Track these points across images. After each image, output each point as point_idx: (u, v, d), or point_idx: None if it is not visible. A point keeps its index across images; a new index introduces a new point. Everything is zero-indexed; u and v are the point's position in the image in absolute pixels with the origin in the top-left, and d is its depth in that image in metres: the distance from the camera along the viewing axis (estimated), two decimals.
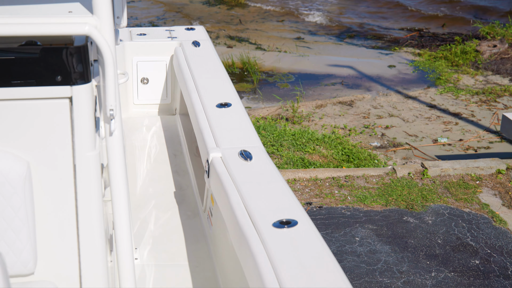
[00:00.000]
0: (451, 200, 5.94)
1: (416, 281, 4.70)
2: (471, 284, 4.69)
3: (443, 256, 5.04)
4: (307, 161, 6.71)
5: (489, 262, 4.98)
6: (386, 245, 5.15)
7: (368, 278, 4.72)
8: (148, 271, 2.94)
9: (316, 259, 2.05)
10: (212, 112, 3.24)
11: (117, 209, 2.15)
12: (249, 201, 2.42)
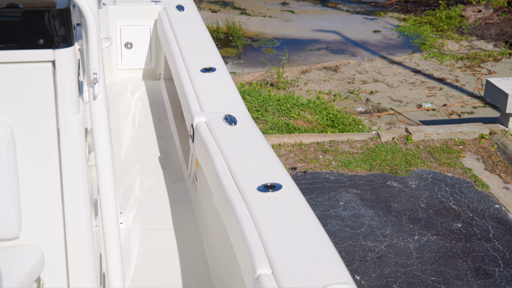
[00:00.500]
0: (435, 164, 5.99)
1: (399, 245, 4.75)
2: (453, 247, 4.75)
3: (426, 220, 5.09)
4: (292, 126, 6.72)
5: (471, 226, 5.04)
6: (370, 209, 5.20)
7: (352, 241, 4.77)
8: (133, 235, 2.96)
9: (300, 223, 2.07)
10: (196, 77, 3.23)
11: (101, 174, 2.15)
12: (233, 165, 2.43)
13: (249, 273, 1.89)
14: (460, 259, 4.61)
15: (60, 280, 2.16)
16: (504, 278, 4.41)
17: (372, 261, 4.55)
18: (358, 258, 4.59)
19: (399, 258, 4.60)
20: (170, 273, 2.73)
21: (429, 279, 4.37)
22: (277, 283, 1.76)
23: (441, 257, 4.63)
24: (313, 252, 1.91)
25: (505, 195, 5.56)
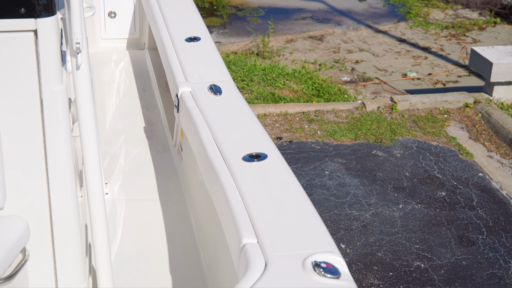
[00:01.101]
0: (419, 133, 6.01)
1: (384, 213, 4.79)
2: (438, 215, 4.80)
3: (410, 189, 5.13)
4: (277, 96, 6.71)
5: (455, 194, 5.08)
6: (355, 179, 5.22)
7: (337, 210, 4.80)
8: (119, 205, 2.96)
9: (285, 192, 2.07)
10: (181, 46, 3.21)
11: (86, 144, 2.14)
12: (219, 135, 2.42)
13: (235, 243, 1.90)
14: (444, 227, 4.66)
15: (46, 251, 2.16)
16: (487, 246, 4.47)
17: (357, 230, 4.59)
18: (343, 227, 4.62)
19: (384, 226, 4.63)
20: (156, 243, 2.74)
21: (413, 247, 4.42)
22: (263, 252, 1.76)
23: (425, 225, 4.68)
24: (298, 221, 1.92)
25: (489, 163, 5.60)
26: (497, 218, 4.79)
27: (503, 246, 4.46)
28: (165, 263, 2.60)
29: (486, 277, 4.15)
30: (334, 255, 1.76)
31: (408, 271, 4.18)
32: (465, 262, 4.30)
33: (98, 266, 2.21)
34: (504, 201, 5.02)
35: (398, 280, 4.10)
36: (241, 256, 1.82)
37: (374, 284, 4.06)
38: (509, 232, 4.63)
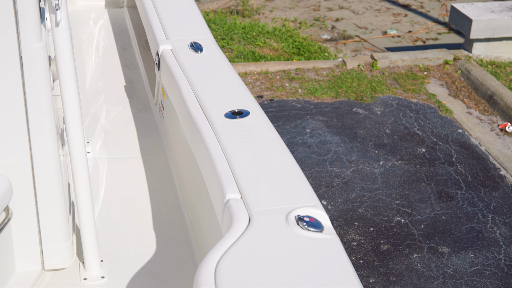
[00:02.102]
0: (400, 91, 6.04)
1: (365, 170, 4.83)
2: (418, 171, 4.85)
3: (391, 145, 5.17)
4: (257, 54, 6.68)
5: (435, 150, 5.13)
6: (336, 136, 5.25)
7: (319, 168, 4.83)
8: (101, 164, 2.95)
9: (268, 148, 2.08)
10: (160, 3, 3.17)
11: (67, 102, 2.13)
12: (200, 93, 2.42)
13: (218, 199, 1.91)
14: (424, 183, 4.71)
15: (29, 209, 2.16)
16: (466, 200, 4.53)
17: (339, 187, 4.63)
18: (325, 183, 4.66)
19: (365, 183, 4.68)
20: (139, 201, 2.74)
21: (393, 203, 4.47)
22: (246, 207, 1.78)
23: (406, 181, 4.73)
24: (281, 177, 1.93)
25: (468, 119, 5.65)
26: (476, 174, 4.86)
27: (481, 201, 4.53)
28: (149, 221, 2.61)
29: (465, 231, 4.22)
30: (317, 209, 1.78)
31: (388, 226, 4.24)
32: (444, 217, 4.36)
33: (81, 224, 2.21)
34: (482, 157, 5.08)
35: (379, 235, 4.15)
36: (225, 212, 1.83)
37: (355, 239, 4.11)
38: (488, 187, 4.70)
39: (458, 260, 3.96)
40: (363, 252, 4.00)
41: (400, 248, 4.04)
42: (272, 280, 1.49)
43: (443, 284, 3.75)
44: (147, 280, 2.27)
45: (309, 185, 1.91)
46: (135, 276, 2.29)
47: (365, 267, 3.87)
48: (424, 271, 3.85)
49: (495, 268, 3.90)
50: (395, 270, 3.85)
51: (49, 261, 2.20)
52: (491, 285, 3.76)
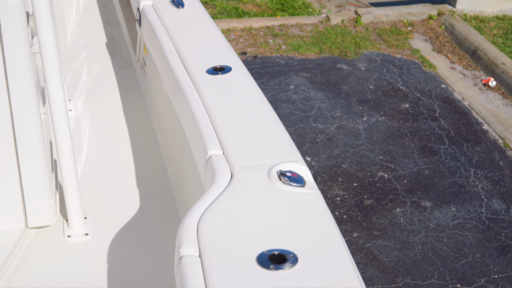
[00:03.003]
0: (384, 46, 6.02)
1: (348, 126, 4.84)
2: (401, 127, 4.87)
3: (374, 101, 5.17)
4: (241, 10, 6.62)
5: (418, 106, 5.14)
6: (320, 92, 5.25)
7: (303, 124, 4.84)
8: (83, 122, 2.94)
9: (250, 104, 2.08)
10: None
11: (46, 60, 2.10)
12: (182, 49, 2.40)
13: (201, 155, 1.91)
14: (407, 138, 4.74)
15: (11, 168, 2.15)
16: (448, 155, 4.57)
17: (322, 143, 4.64)
18: (309, 140, 4.67)
19: (349, 139, 4.69)
20: (123, 159, 2.74)
21: (377, 158, 4.50)
22: (228, 163, 1.78)
23: (389, 136, 4.75)
24: (263, 132, 1.93)
25: (452, 75, 5.65)
26: (459, 129, 4.88)
27: (464, 155, 4.57)
28: (132, 178, 2.61)
29: (447, 185, 4.26)
30: (299, 164, 1.78)
31: (372, 182, 4.27)
32: (427, 171, 4.39)
33: (64, 182, 2.21)
34: (465, 112, 5.10)
35: (362, 191, 4.19)
36: (207, 168, 1.83)
37: (339, 194, 4.14)
38: (470, 141, 4.73)
39: (440, 214, 4.00)
40: (347, 207, 4.04)
41: (383, 203, 4.08)
42: (253, 235, 1.50)
43: (425, 237, 3.80)
44: (131, 236, 2.28)
45: (291, 141, 1.91)
46: (119, 233, 2.29)
47: (349, 222, 3.91)
48: (407, 225, 3.89)
49: (477, 221, 3.95)
50: (378, 225, 3.89)
51: (32, 218, 2.20)
52: (472, 238, 3.82)
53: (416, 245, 3.74)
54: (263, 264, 1.41)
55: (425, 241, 3.77)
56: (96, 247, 2.22)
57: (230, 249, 1.45)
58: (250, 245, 1.46)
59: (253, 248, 1.45)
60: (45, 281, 2.07)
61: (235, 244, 1.47)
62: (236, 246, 1.46)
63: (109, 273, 2.11)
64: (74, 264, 2.15)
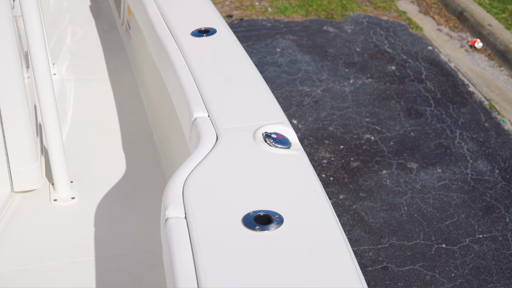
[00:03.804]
0: (370, 8, 5.99)
1: (335, 88, 4.84)
2: (387, 89, 4.87)
3: (361, 64, 5.16)
4: None
5: (404, 68, 5.14)
6: (306, 55, 5.23)
7: (289, 87, 4.83)
8: (68, 85, 2.92)
9: (235, 66, 2.07)
10: None
11: (29, 23, 2.07)
12: (166, 11, 2.37)
13: (186, 117, 1.91)
14: (394, 100, 4.74)
15: None
16: (434, 117, 4.58)
17: (309, 106, 4.64)
18: (295, 103, 4.66)
19: (335, 101, 4.69)
20: (108, 122, 2.73)
21: (363, 121, 4.50)
22: (214, 125, 1.78)
23: (375, 99, 4.75)
24: (248, 95, 1.92)
25: (438, 36, 5.64)
26: (445, 90, 4.89)
27: (450, 117, 4.58)
28: (118, 141, 2.60)
29: (433, 147, 4.29)
30: (284, 126, 1.78)
31: (358, 144, 4.28)
32: (413, 133, 4.41)
33: (49, 146, 2.20)
34: (452, 73, 5.11)
35: (349, 153, 4.20)
36: (193, 130, 1.83)
37: (325, 157, 4.16)
38: (456, 103, 4.74)
39: (426, 175, 4.03)
40: (333, 170, 4.05)
41: (370, 165, 4.10)
42: (239, 196, 1.50)
43: (411, 199, 3.83)
44: (117, 200, 2.29)
45: (277, 103, 1.91)
46: (106, 196, 2.29)
47: (335, 184, 3.93)
48: (393, 187, 3.92)
49: (462, 182, 3.98)
50: (365, 187, 3.92)
51: (18, 183, 2.20)
52: (458, 198, 3.85)
53: (402, 206, 3.77)
54: (249, 225, 1.42)
55: (411, 202, 3.80)
56: (83, 211, 2.22)
57: (215, 211, 1.46)
58: (235, 206, 1.47)
59: (239, 209, 1.46)
60: (32, 245, 2.07)
61: (221, 205, 1.47)
62: (221, 207, 1.47)
63: (96, 236, 2.12)
64: (61, 228, 2.15)
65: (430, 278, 3.30)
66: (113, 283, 1.95)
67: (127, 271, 2.00)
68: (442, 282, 3.28)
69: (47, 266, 1.99)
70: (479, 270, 3.36)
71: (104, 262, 2.02)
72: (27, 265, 2.00)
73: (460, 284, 3.27)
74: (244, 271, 1.30)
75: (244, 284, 1.27)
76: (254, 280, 1.28)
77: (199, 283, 1.27)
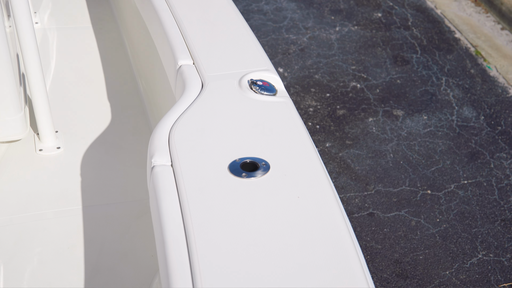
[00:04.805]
0: None
1: (321, 36, 4.81)
2: (373, 36, 4.84)
3: (347, 11, 5.12)
4: None
5: (391, 15, 5.11)
6: (291, 2, 5.17)
7: (275, 35, 4.79)
8: (50, 35, 2.87)
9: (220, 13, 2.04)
10: None
11: None
12: None
13: (171, 65, 1.89)
14: (380, 48, 4.72)
15: None
16: (420, 64, 4.57)
17: (295, 54, 4.61)
18: (281, 51, 4.63)
19: (321, 49, 4.67)
20: (92, 71, 2.70)
21: (349, 68, 4.49)
22: (199, 73, 1.76)
23: (362, 46, 4.73)
24: (233, 42, 1.90)
25: None
26: (431, 37, 4.87)
27: (436, 64, 4.58)
28: (103, 91, 2.58)
29: (419, 94, 4.29)
30: (270, 73, 1.77)
31: (344, 92, 4.28)
32: (399, 80, 4.41)
33: (33, 95, 2.18)
34: (438, 20, 5.08)
35: (335, 101, 4.20)
36: (178, 78, 1.81)
37: (312, 105, 4.15)
38: (442, 50, 4.73)
39: (412, 122, 4.04)
40: (320, 118, 4.05)
41: (356, 112, 4.11)
42: (225, 144, 1.50)
43: (397, 146, 3.85)
44: (103, 149, 2.28)
45: (262, 50, 1.89)
46: (91, 146, 2.29)
47: (322, 132, 3.94)
48: (379, 134, 3.93)
49: (448, 129, 4.00)
50: (351, 134, 3.93)
51: (2, 133, 2.18)
52: (443, 145, 3.87)
53: (388, 153, 3.79)
54: (235, 172, 1.42)
55: (396, 149, 3.82)
56: (68, 161, 2.22)
57: (202, 158, 1.45)
58: (221, 154, 1.47)
59: (225, 157, 1.46)
60: (19, 195, 2.07)
61: (207, 153, 1.47)
62: (208, 155, 1.46)
63: (82, 185, 2.12)
64: (47, 178, 2.15)
65: (416, 224, 3.34)
66: (101, 232, 1.95)
67: (115, 219, 2.00)
68: (427, 227, 3.33)
69: (34, 216, 2.00)
70: (463, 215, 3.41)
71: (91, 211, 2.02)
72: (14, 214, 2.00)
73: (445, 229, 3.32)
74: (231, 217, 1.31)
75: (231, 230, 1.28)
76: (241, 226, 1.29)
77: (186, 230, 1.28)
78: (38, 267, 1.83)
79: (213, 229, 1.28)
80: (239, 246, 1.25)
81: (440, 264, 3.14)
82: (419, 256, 3.17)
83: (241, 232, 1.27)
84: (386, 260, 3.15)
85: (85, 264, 1.84)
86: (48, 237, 1.92)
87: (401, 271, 3.10)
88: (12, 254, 1.86)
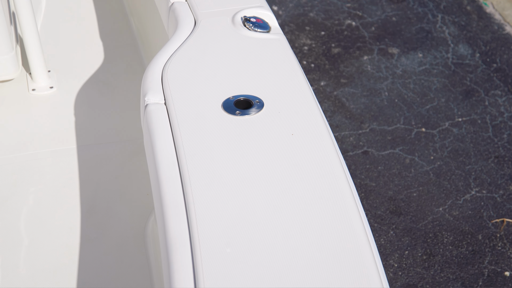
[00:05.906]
0: None
1: None
2: None
3: None
4: None
5: None
6: None
7: None
8: None
9: None
10: None
11: None
12: None
13: (163, 2, 1.87)
14: None
15: None
16: (416, 1, 4.52)
17: None
18: None
19: None
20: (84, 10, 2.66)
21: (345, 6, 4.44)
22: (191, 10, 1.74)
23: None
24: None
25: None
26: None
27: (432, 1, 4.52)
28: (95, 30, 2.55)
29: (415, 31, 4.25)
30: (263, 10, 1.75)
31: (339, 30, 4.24)
32: (395, 18, 4.36)
33: (24, 34, 2.15)
34: None
35: (330, 39, 4.16)
36: (170, 16, 1.79)
37: (306, 44, 4.12)
38: None
39: (407, 60, 4.02)
40: (314, 56, 4.03)
41: (351, 50, 4.08)
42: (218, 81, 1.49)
43: (392, 84, 3.84)
44: (96, 88, 2.27)
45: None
46: (85, 85, 2.27)
47: (316, 71, 3.92)
48: (374, 72, 3.92)
49: (443, 66, 3.98)
50: (346, 73, 3.91)
51: None
52: (438, 83, 3.86)
53: (383, 91, 3.78)
54: (229, 110, 1.41)
55: (391, 87, 3.81)
56: (62, 100, 2.21)
57: (195, 96, 1.45)
58: (215, 91, 1.46)
59: (219, 94, 1.45)
60: (12, 135, 2.07)
61: (200, 91, 1.46)
62: (201, 93, 1.46)
63: (76, 125, 2.12)
64: (41, 117, 2.14)
65: (410, 162, 3.36)
66: (96, 171, 1.96)
67: (109, 159, 2.01)
68: (421, 165, 3.34)
69: (29, 155, 2.00)
70: (457, 153, 3.42)
71: (85, 150, 2.02)
72: (8, 154, 2.00)
73: (439, 167, 3.34)
74: (225, 155, 1.31)
75: (225, 167, 1.28)
76: (236, 162, 1.29)
77: (180, 169, 1.28)
78: (33, 206, 1.84)
79: (207, 167, 1.28)
80: (233, 183, 1.25)
81: (433, 201, 3.17)
82: (413, 193, 3.20)
83: (235, 169, 1.28)
84: (380, 198, 3.18)
85: (80, 203, 1.85)
86: (43, 177, 1.93)
87: (395, 208, 3.14)
88: (7, 194, 1.87)
